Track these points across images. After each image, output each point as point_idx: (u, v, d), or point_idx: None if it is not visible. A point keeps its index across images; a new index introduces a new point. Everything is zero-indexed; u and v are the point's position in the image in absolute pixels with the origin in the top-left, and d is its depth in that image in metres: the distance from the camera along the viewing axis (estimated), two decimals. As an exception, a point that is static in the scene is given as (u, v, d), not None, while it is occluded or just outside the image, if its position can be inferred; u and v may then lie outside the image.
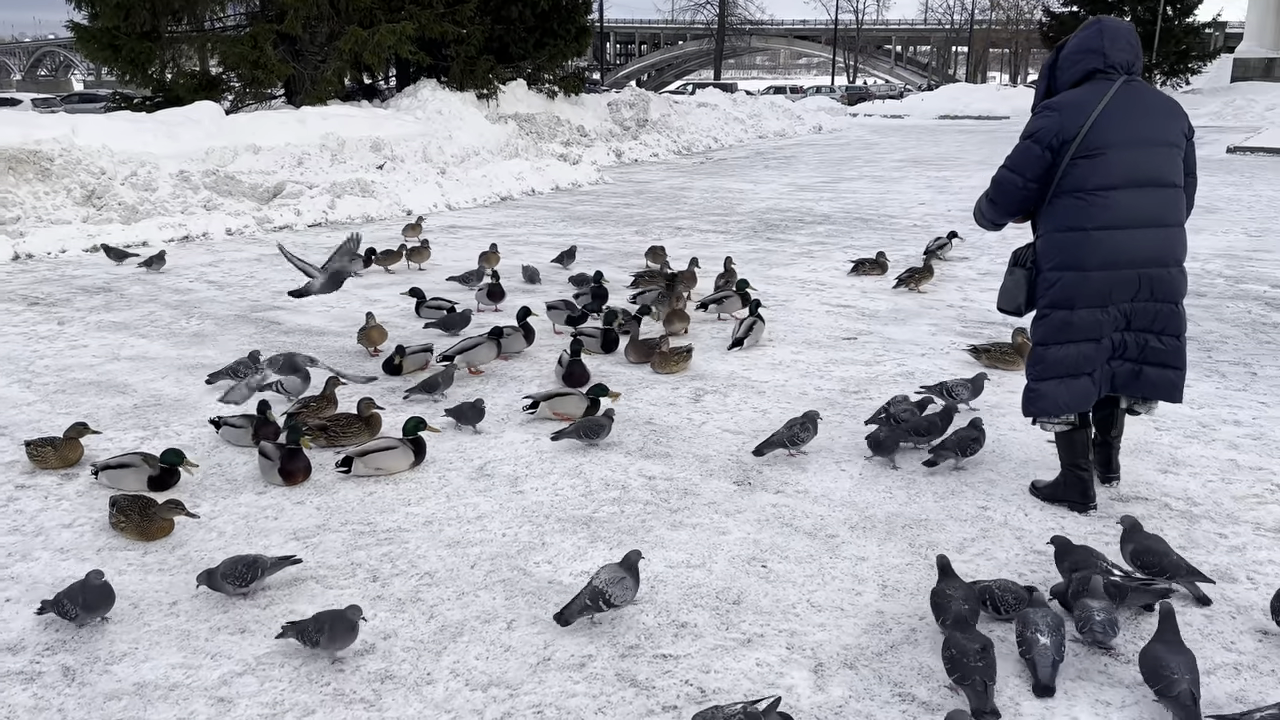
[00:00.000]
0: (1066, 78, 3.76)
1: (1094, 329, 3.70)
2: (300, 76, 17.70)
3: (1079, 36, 3.74)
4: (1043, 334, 3.80)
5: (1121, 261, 3.62)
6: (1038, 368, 3.82)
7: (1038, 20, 57.17)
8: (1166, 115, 3.72)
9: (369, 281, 8.62)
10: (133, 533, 3.78)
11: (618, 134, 22.62)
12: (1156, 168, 3.65)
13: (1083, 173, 3.61)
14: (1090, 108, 3.60)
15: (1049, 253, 3.74)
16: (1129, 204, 3.60)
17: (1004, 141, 24.53)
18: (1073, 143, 3.60)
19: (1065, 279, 3.68)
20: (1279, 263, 8.77)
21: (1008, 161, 3.80)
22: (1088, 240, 3.62)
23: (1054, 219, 3.71)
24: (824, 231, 11.08)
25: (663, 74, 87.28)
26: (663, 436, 4.86)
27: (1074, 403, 3.78)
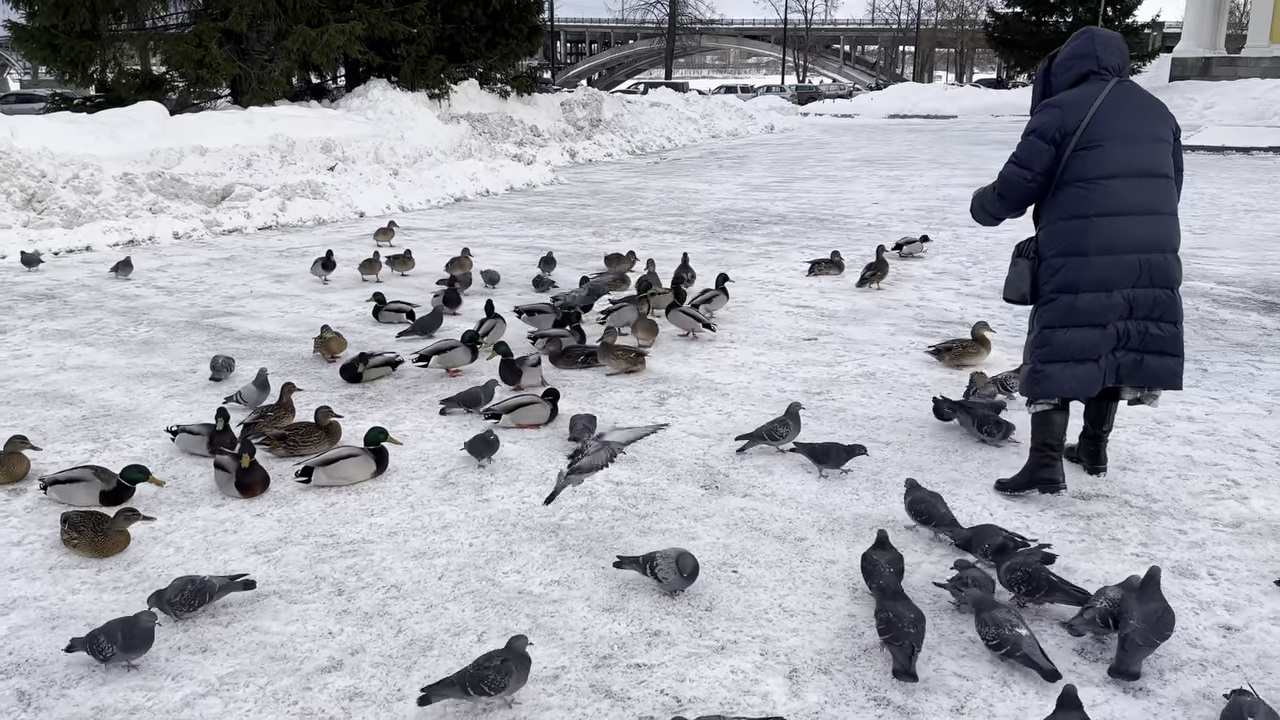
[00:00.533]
0: (1062, 81, 3.95)
1: (1099, 314, 3.83)
2: (246, 76, 17.38)
3: (1072, 44, 3.96)
4: (1049, 318, 3.92)
5: (1121, 246, 3.78)
6: (1043, 350, 3.93)
7: (982, 20, 58.12)
8: (1155, 114, 3.92)
9: (327, 286, 8.47)
10: (86, 549, 3.66)
11: (571, 134, 22.55)
12: (1150, 159, 3.84)
13: (1083, 163, 3.79)
14: (1088, 103, 3.79)
15: (1052, 241, 3.90)
16: (1127, 192, 3.78)
17: (953, 141, 25.03)
18: (1073, 135, 3.78)
19: (1069, 264, 3.84)
20: (1224, 260, 9.00)
21: (1014, 157, 3.97)
22: (1090, 226, 3.79)
23: (1057, 209, 3.88)
24: (780, 232, 11.13)
25: (614, 73, 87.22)
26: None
27: (1079, 388, 3.91)
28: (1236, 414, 5.02)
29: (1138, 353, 3.91)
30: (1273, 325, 6.72)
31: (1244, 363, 5.88)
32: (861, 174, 17.29)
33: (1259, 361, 5.89)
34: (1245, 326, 6.70)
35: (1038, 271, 3.97)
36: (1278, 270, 8.52)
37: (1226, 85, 34.41)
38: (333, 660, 3.04)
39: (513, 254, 9.87)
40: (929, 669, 2.95)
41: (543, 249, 10.07)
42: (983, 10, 62.75)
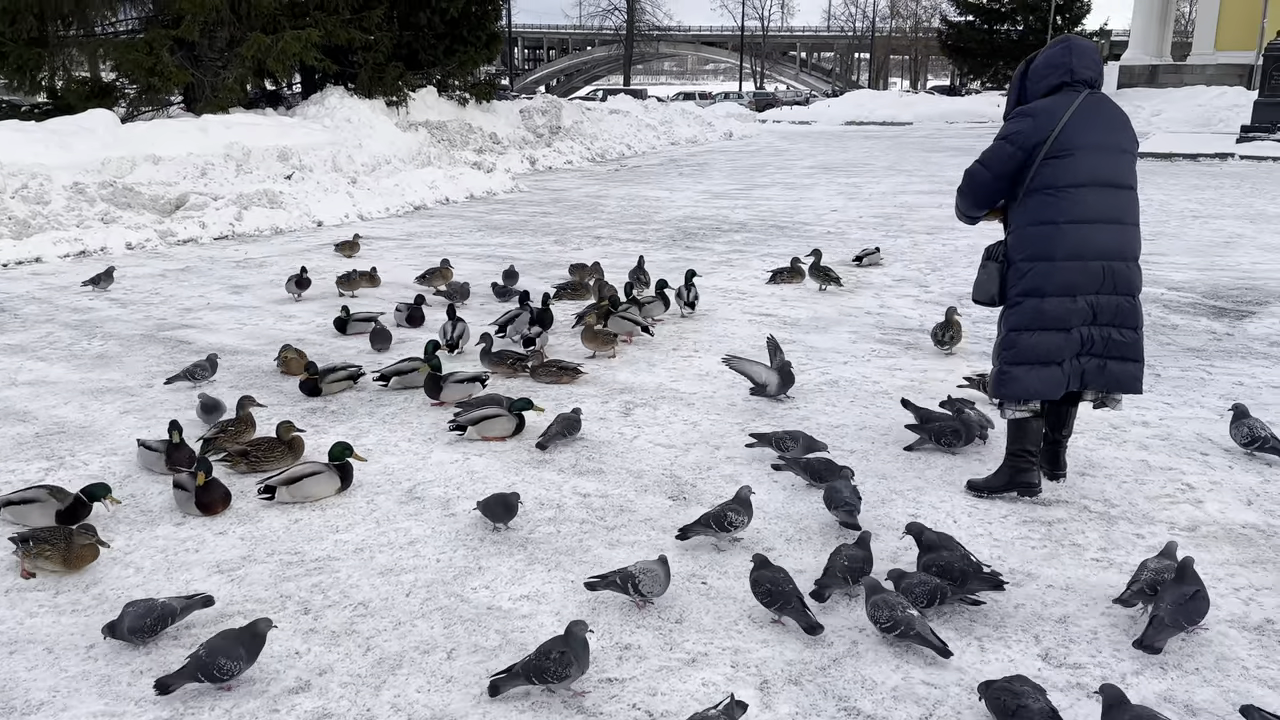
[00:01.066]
0: (1037, 89, 4.04)
1: (1064, 318, 3.93)
2: (200, 83, 17.12)
3: (1049, 53, 4.04)
4: (1015, 321, 4.01)
5: (1087, 253, 3.88)
6: (1010, 352, 4.02)
7: (935, 28, 58.97)
8: (1122, 126, 4.03)
9: (283, 296, 8.37)
10: (57, 562, 3.58)
11: (531, 141, 22.50)
12: (1117, 170, 3.95)
13: (1053, 171, 3.88)
14: (1060, 114, 3.88)
15: (1021, 245, 3.99)
16: (1095, 201, 3.88)
17: (910, 148, 25.34)
18: (1044, 145, 3.87)
19: (1037, 269, 3.93)
20: (1174, 265, 9.20)
21: (981, 158, 4.09)
22: (1058, 233, 3.88)
23: (1026, 214, 3.97)
24: (741, 240, 11.19)
25: (572, 79, 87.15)
26: (595, 452, 4.83)
27: (1044, 390, 3.99)
28: (1189, 418, 5.13)
29: (1101, 358, 4.02)
30: (1222, 330, 6.89)
31: (1195, 367, 6.02)
32: (820, 181, 17.45)
33: (1209, 366, 6.03)
34: (1196, 331, 6.86)
35: (1006, 275, 4.06)
36: (1225, 276, 8.73)
37: (1173, 92, 35.20)
38: (300, 681, 3.00)
39: (474, 263, 9.82)
40: (897, 677, 2.98)
41: (505, 258, 10.05)
42: (936, 18, 63.70)
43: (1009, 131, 3.98)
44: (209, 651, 2.92)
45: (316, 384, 5.66)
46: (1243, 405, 4.75)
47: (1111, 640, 3.16)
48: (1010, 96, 4.20)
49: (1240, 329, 6.90)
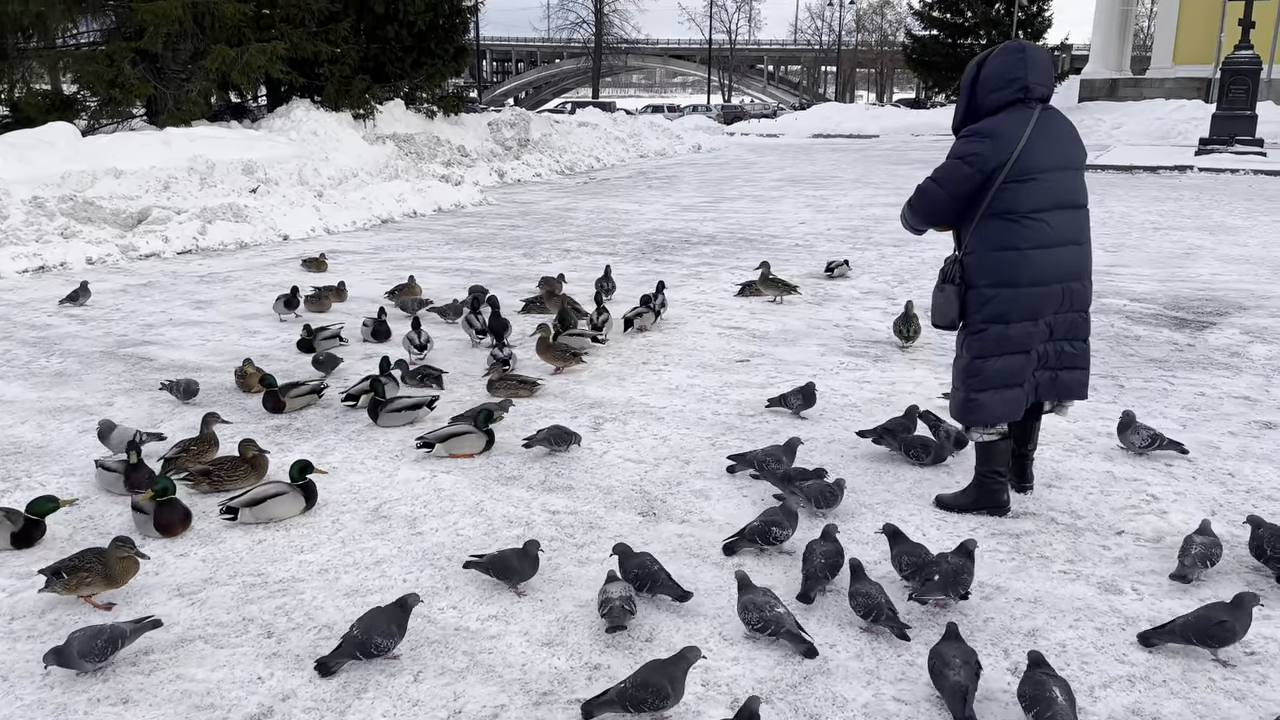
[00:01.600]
0: (989, 101, 3.93)
1: (1026, 341, 3.95)
2: (162, 96, 16.92)
3: (1003, 61, 3.89)
4: (980, 348, 3.99)
5: (1050, 278, 3.89)
6: (976, 379, 4.01)
7: (901, 42, 59.63)
8: (1074, 141, 4.02)
9: (248, 312, 8.27)
10: (100, 584, 3.48)
11: (499, 154, 22.44)
12: (1074, 190, 3.97)
13: (1014, 196, 3.84)
14: (1018, 136, 3.81)
15: (983, 270, 3.94)
16: (1056, 224, 3.87)
17: (876, 161, 25.55)
18: (1004, 168, 3.81)
19: (1001, 295, 3.91)
20: (1135, 277, 9.32)
21: (935, 174, 4.00)
22: (1023, 259, 3.86)
23: (987, 239, 3.92)
24: (710, 252, 11.22)
25: (540, 92, 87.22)
26: (564, 468, 4.79)
27: (1009, 412, 4.02)
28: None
29: (1053, 370, 4.09)
30: (1183, 341, 6.98)
31: (1158, 378, 6.09)
32: (788, 194, 17.54)
33: (1171, 377, 6.11)
34: (1158, 343, 6.95)
35: (965, 297, 4.03)
36: (1186, 287, 8.86)
37: (1133, 105, 35.81)
38: (263, 707, 2.94)
39: (442, 276, 9.76)
40: (868, 694, 2.97)
41: (474, 271, 10.01)
42: (901, 33, 64.45)
43: (966, 152, 3.88)
44: (364, 630, 3.08)
45: (280, 401, 5.58)
46: (1130, 411, 4.89)
47: (1080, 653, 3.17)
48: (960, 103, 4.07)
49: (1201, 339, 7.00)
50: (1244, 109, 22.55)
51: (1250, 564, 3.71)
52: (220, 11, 16.59)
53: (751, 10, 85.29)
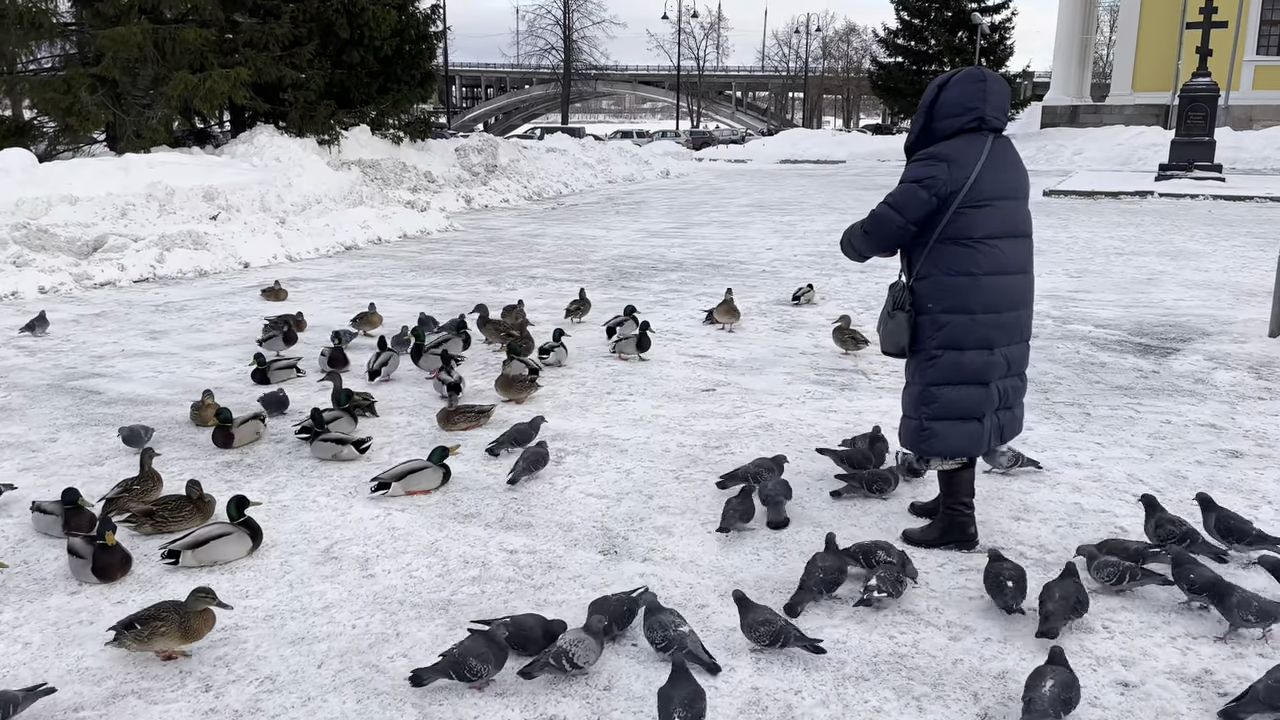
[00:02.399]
0: (943, 126, 3.86)
1: (983, 371, 3.87)
2: (122, 122, 16.69)
3: (963, 90, 3.82)
4: (934, 375, 3.92)
5: (1003, 305, 3.84)
6: (930, 407, 3.93)
7: (866, 69, 60.36)
8: (1022, 171, 3.98)
9: (203, 342, 8.07)
10: (175, 638, 3.27)
11: (466, 180, 22.34)
12: (1025, 220, 3.94)
13: (970, 221, 3.78)
14: (973, 162, 3.76)
15: (936, 296, 3.87)
16: (1009, 251, 3.84)
17: (843, 186, 25.69)
18: (959, 193, 3.75)
19: (954, 321, 3.84)
20: (1099, 303, 9.35)
21: (891, 200, 3.90)
22: (976, 285, 3.80)
23: (940, 264, 3.85)
24: (677, 279, 11.15)
25: (510, 117, 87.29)
26: (524, 504, 4.66)
27: (968, 446, 3.95)
28: (1120, 458, 5.13)
29: (1009, 409, 4.05)
30: (1148, 367, 6.97)
31: (1124, 406, 6.06)
32: (755, 219, 17.56)
33: (1138, 405, 6.08)
34: (1123, 369, 6.94)
35: (916, 324, 3.96)
36: (1149, 313, 8.89)
37: (1094, 132, 36.38)
38: (196, 769, 2.77)
39: (405, 304, 9.61)
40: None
41: (437, 299, 9.86)
42: (867, 59, 65.26)
43: (923, 175, 3.80)
44: (462, 651, 3.08)
45: (230, 435, 5.40)
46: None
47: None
48: (916, 123, 3.99)
49: (1165, 366, 6.99)
50: (1202, 135, 22.93)
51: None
52: (182, 37, 16.43)
53: (720, 37, 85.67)
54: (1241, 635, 3.38)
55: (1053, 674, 2.86)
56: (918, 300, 3.94)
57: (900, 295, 3.99)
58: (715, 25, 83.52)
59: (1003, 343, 3.88)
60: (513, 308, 8.51)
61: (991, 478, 4.80)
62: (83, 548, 3.87)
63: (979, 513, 4.34)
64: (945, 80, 3.90)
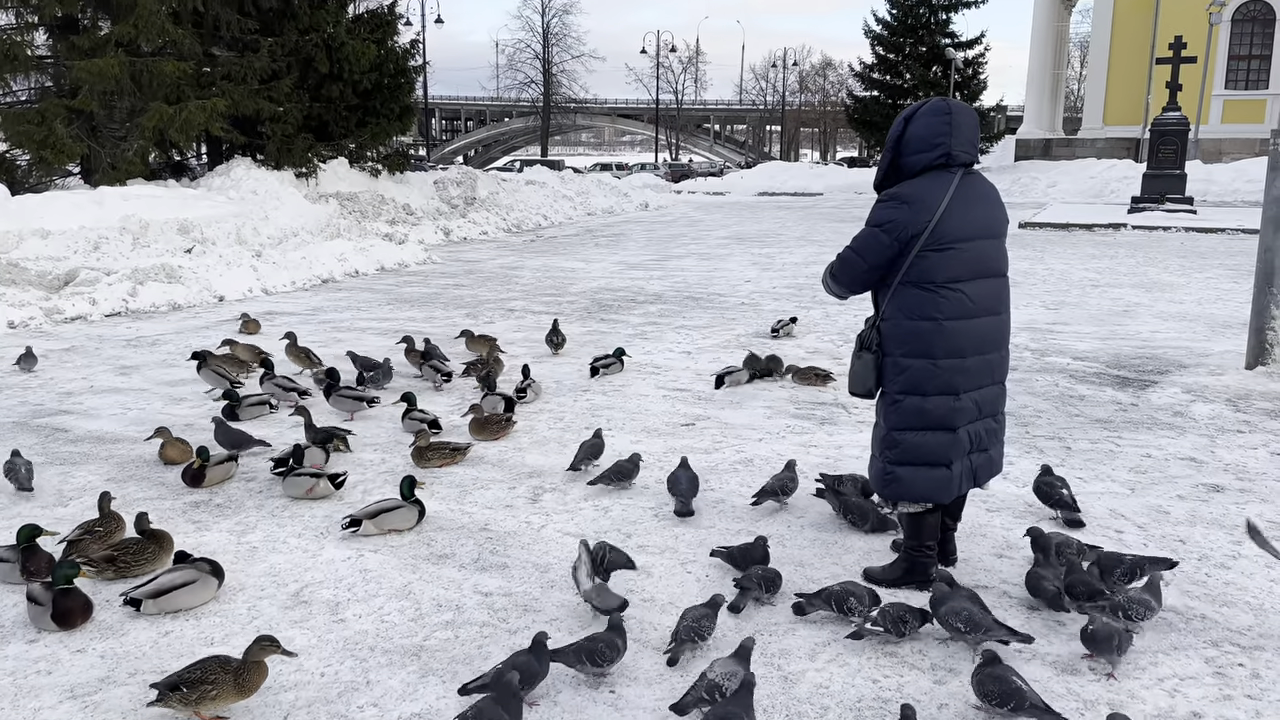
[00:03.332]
0: (911, 163, 3.78)
1: (948, 418, 3.79)
2: (97, 154, 16.56)
3: (928, 124, 3.73)
4: (897, 420, 3.85)
5: (969, 350, 3.76)
6: (894, 451, 3.86)
7: (843, 102, 61.04)
8: (996, 205, 3.89)
9: (174, 378, 7.94)
10: (231, 696, 3.12)
11: (445, 212, 22.32)
12: (994, 258, 3.85)
13: (932, 265, 3.69)
14: (936, 202, 3.66)
15: (899, 339, 3.80)
16: (975, 294, 3.75)
17: (820, 218, 25.85)
18: (921, 236, 3.66)
19: (915, 366, 3.77)
20: (1077, 335, 9.38)
21: (854, 244, 3.85)
22: (938, 331, 3.72)
23: (903, 308, 3.78)
24: (656, 311, 11.11)
25: (490, 150, 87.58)
26: (499, 544, 4.56)
27: (934, 493, 3.87)
28: (1102, 493, 5.10)
29: (984, 451, 3.98)
30: (1127, 400, 6.97)
31: (1104, 439, 6.04)
32: (734, 252, 17.60)
33: (1118, 438, 6.06)
34: (1102, 402, 6.93)
35: (881, 365, 3.89)
36: (1127, 345, 8.92)
37: (1067, 165, 36.90)
38: (153, 830, 2.65)
39: (380, 338, 9.52)
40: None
41: (415, 332, 9.75)
42: (843, 93, 66.00)
43: (883, 220, 3.73)
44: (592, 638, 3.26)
45: (201, 474, 5.28)
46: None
47: (1038, 742, 3.00)
48: (884, 158, 3.91)
49: (1144, 399, 7.00)
50: (1173, 168, 23.26)
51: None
52: (159, 70, 16.38)
53: (698, 71, 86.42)
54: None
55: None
56: (883, 342, 3.87)
57: (867, 336, 3.92)
58: (693, 59, 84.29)
59: (969, 387, 3.80)
60: (485, 337, 8.48)
61: (974, 510, 4.75)
62: (41, 594, 3.74)
63: (961, 549, 4.30)
64: (911, 114, 3.81)
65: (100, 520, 4.46)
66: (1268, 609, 3.84)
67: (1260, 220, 7.51)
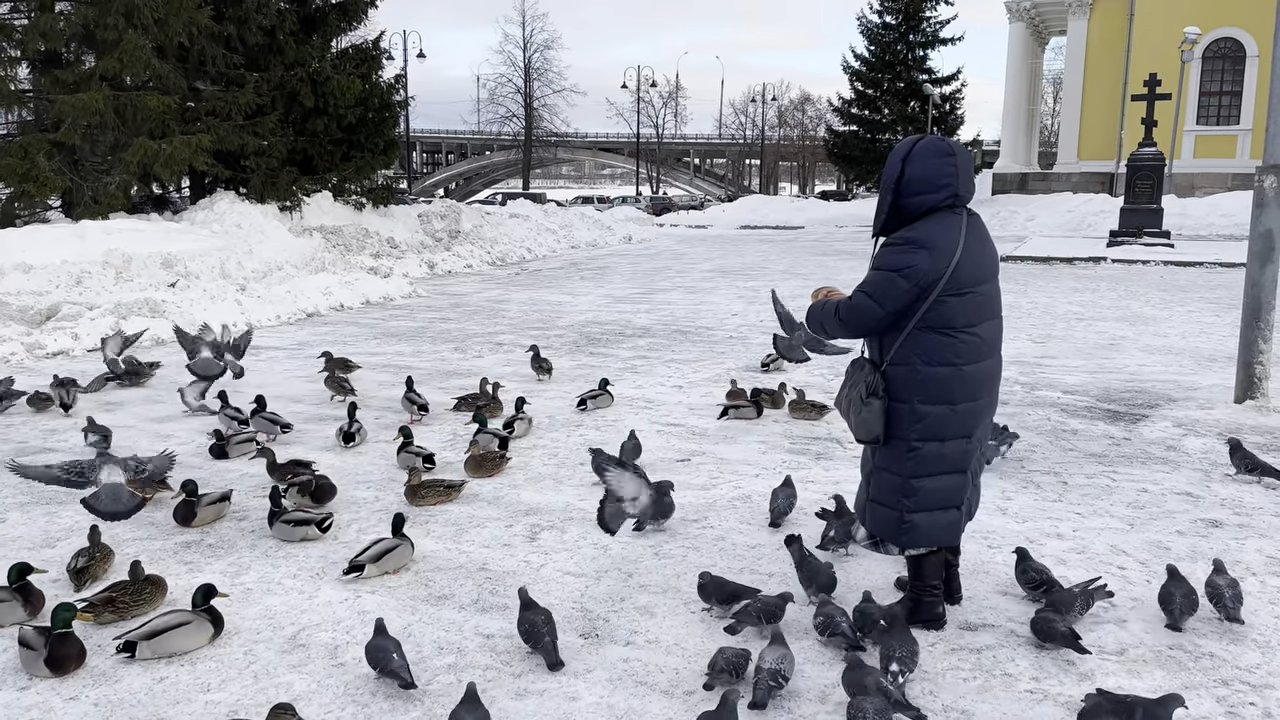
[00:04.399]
0: (915, 204, 3.71)
1: (963, 459, 3.79)
2: (79, 188, 16.46)
3: (932, 165, 3.66)
4: (914, 467, 3.78)
5: (981, 392, 3.77)
6: (912, 499, 3.80)
7: (821, 137, 61.75)
8: (993, 248, 3.89)
9: (161, 414, 7.84)
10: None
11: (430, 245, 22.30)
12: (999, 301, 3.87)
13: (951, 310, 3.65)
14: (952, 246, 3.62)
15: (916, 386, 3.73)
16: (988, 337, 3.76)
17: (804, 252, 26.00)
18: (940, 282, 3.61)
19: (935, 413, 3.72)
20: (1065, 368, 9.43)
21: (869, 289, 3.73)
22: (958, 376, 3.69)
23: (920, 353, 3.71)
24: (645, 345, 11.10)
25: (470, 183, 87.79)
26: (499, 584, 4.50)
27: (948, 536, 3.86)
28: (1101, 529, 5.10)
29: (975, 486, 3.98)
30: (1119, 434, 7.00)
31: (1100, 474, 6.05)
32: (720, 285, 17.65)
33: (1113, 473, 6.07)
34: (1095, 436, 6.95)
35: (890, 410, 3.79)
36: (1115, 378, 8.98)
37: (1045, 199, 37.38)
38: None
39: (371, 373, 9.45)
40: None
41: (403, 366, 9.70)
42: (821, 127, 66.78)
43: (902, 265, 3.61)
44: None
45: (192, 512, 5.19)
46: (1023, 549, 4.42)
47: (1056, 785, 2.96)
48: (882, 202, 3.80)
49: (1136, 433, 7.02)
50: (1150, 203, 23.59)
51: (1217, 676, 3.57)
52: (143, 104, 16.34)
53: (678, 106, 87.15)
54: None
55: None
56: (892, 388, 3.78)
57: (873, 381, 3.80)
58: (673, 94, 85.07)
59: (979, 427, 3.82)
60: (484, 380, 8.45)
61: (975, 546, 4.73)
62: (35, 639, 3.64)
63: (965, 588, 4.27)
64: (907, 153, 3.73)
65: (93, 547, 4.40)
66: (1274, 645, 3.83)
67: (1246, 255, 7.60)
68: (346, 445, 6.71)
